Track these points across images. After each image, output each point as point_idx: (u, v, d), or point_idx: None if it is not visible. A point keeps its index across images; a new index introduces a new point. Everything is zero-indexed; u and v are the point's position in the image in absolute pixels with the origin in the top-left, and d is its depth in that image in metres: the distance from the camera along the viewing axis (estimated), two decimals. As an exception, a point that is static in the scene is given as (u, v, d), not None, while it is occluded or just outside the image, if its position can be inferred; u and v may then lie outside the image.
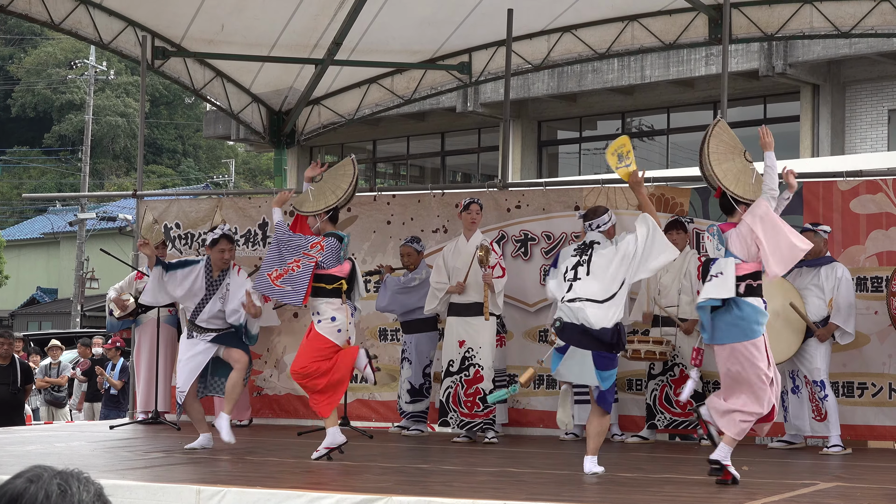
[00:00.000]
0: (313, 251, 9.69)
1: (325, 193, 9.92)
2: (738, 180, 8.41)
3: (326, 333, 9.68)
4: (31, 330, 42.44)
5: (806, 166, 15.17)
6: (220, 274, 10.37)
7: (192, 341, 10.33)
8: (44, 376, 19.43)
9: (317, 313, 9.76)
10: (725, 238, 8.21)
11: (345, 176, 10.01)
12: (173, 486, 7.71)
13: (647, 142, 26.48)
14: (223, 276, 10.36)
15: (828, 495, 7.62)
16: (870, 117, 22.96)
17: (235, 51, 14.72)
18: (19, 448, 10.48)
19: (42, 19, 13.54)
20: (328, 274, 9.72)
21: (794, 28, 13.47)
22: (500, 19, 13.36)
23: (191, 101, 59.57)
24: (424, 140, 29.79)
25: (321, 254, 9.68)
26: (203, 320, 10.28)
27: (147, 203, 14.18)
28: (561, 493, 7.48)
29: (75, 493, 2.65)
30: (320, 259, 9.67)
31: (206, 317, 10.27)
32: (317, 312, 9.76)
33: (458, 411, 11.42)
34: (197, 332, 10.32)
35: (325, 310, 9.71)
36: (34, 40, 64.09)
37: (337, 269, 9.77)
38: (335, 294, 9.76)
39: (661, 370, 11.53)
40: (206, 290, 10.31)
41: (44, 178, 60.00)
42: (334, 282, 9.75)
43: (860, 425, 11.28)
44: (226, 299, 10.30)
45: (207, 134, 33.31)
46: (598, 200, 12.40)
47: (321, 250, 9.69)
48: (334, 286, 9.75)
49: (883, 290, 11.15)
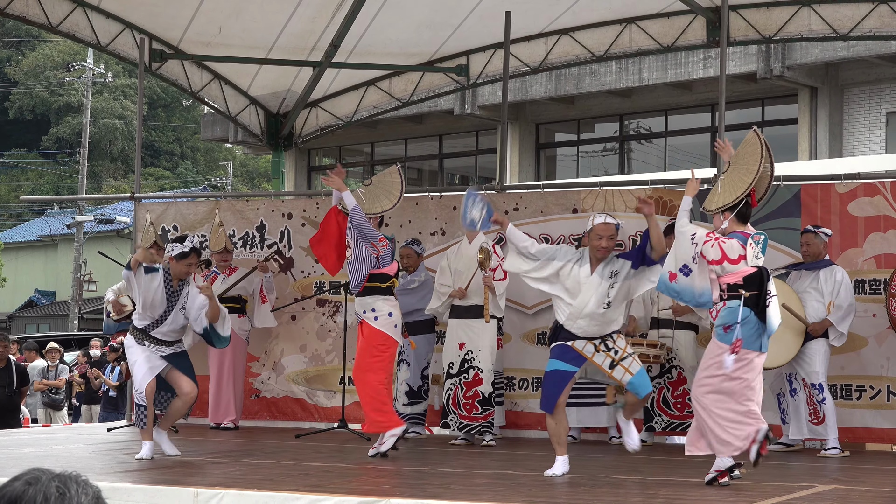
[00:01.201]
0: (380, 245, 10.00)
1: (379, 198, 10.32)
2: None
3: (385, 329, 10.02)
4: (28, 332, 42.42)
5: (804, 169, 15.19)
6: (178, 283, 9.90)
7: (144, 349, 9.82)
8: (41, 379, 19.42)
9: (372, 310, 10.05)
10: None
11: (394, 183, 10.44)
12: (171, 489, 7.71)
13: (645, 144, 26.49)
14: (182, 286, 9.90)
15: (825, 498, 7.62)
16: (868, 120, 22.97)
17: (233, 53, 14.72)
18: (17, 450, 10.48)
19: (39, 21, 13.53)
20: (383, 273, 10.06)
21: (793, 30, 13.47)
22: (498, 22, 13.36)
23: (188, 104, 59.51)
24: (422, 142, 29.79)
25: (385, 250, 10.04)
26: (162, 332, 9.83)
27: (145, 206, 14.17)
28: (558, 495, 7.48)
29: (74, 495, 2.64)
30: (382, 254, 10.01)
31: (166, 329, 9.83)
32: (372, 310, 10.05)
33: (458, 414, 11.43)
34: (149, 343, 9.82)
35: (381, 307, 10.06)
36: (32, 43, 64.07)
37: (389, 267, 10.14)
38: (389, 292, 10.15)
39: (659, 372, 11.53)
40: (168, 302, 9.82)
41: (41, 181, 59.98)
42: (387, 280, 10.12)
43: (858, 428, 11.28)
44: (186, 309, 9.89)
45: (205, 136, 33.30)
46: (595, 203, 12.40)
47: (385, 246, 10.07)
48: (388, 284, 10.13)
49: (881, 293, 11.15)
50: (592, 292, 8.46)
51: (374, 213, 10.19)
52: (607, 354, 8.52)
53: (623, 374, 8.52)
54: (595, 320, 8.50)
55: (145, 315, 9.85)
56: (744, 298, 7.98)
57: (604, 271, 8.54)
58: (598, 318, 8.50)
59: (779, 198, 11.66)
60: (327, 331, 13.23)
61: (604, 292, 8.51)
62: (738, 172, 8.32)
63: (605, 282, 8.51)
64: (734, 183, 8.29)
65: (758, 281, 8.03)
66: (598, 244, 8.54)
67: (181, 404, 9.94)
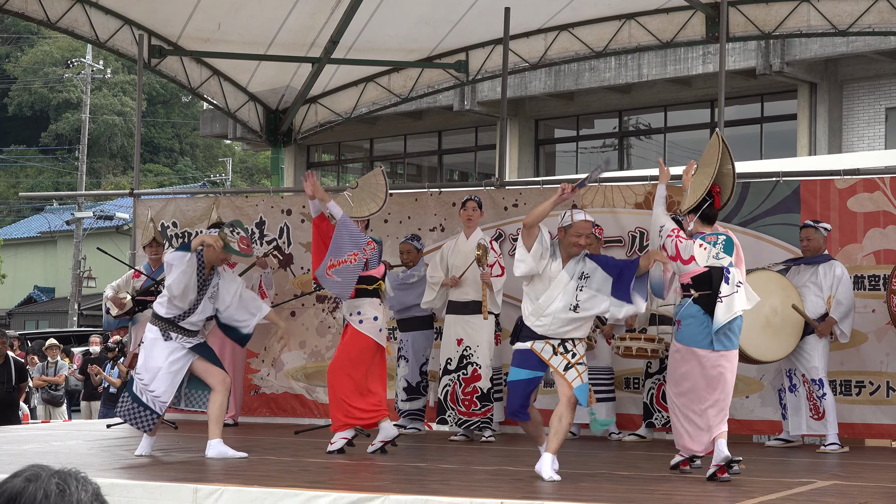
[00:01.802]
0: (368, 248, 9.92)
1: (365, 200, 10.20)
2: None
3: (369, 332, 9.93)
4: (28, 329, 42.43)
5: (803, 164, 15.19)
6: (210, 272, 9.74)
7: (169, 345, 9.63)
8: (41, 375, 19.43)
9: (357, 313, 9.97)
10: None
11: (379, 185, 10.28)
12: (170, 485, 7.70)
13: (645, 140, 26.48)
14: (212, 275, 9.75)
15: (825, 494, 7.62)
16: (867, 115, 22.97)
17: (232, 49, 14.72)
18: (16, 447, 10.47)
19: (38, 18, 13.53)
20: (369, 275, 9.99)
21: (792, 26, 13.47)
22: (497, 18, 13.35)
23: (188, 100, 59.51)
24: (421, 139, 29.79)
25: (372, 253, 9.97)
26: (190, 322, 9.66)
27: (144, 202, 14.16)
28: (558, 491, 7.48)
29: (73, 492, 2.64)
30: (370, 257, 9.94)
31: (195, 318, 9.66)
32: (358, 312, 9.97)
33: (456, 409, 11.43)
34: (177, 334, 9.63)
35: (367, 310, 9.97)
36: (31, 39, 64.05)
37: (377, 269, 10.07)
38: (375, 294, 10.05)
39: (658, 368, 11.53)
40: (199, 290, 9.65)
41: (41, 177, 59.94)
42: (374, 283, 10.04)
43: (858, 423, 11.28)
44: (215, 299, 9.76)
45: (204, 133, 33.32)
46: (595, 199, 12.40)
47: (373, 249, 9.99)
48: (374, 287, 10.04)
49: (880, 289, 11.15)
50: (560, 290, 8.20)
51: (361, 217, 10.11)
52: (564, 356, 8.25)
53: (575, 378, 8.22)
54: (558, 321, 8.22)
55: (175, 304, 9.62)
56: (693, 298, 8.29)
57: (574, 269, 8.24)
58: (562, 319, 8.22)
59: (778, 193, 11.66)
60: (327, 327, 13.24)
61: (571, 292, 8.20)
62: (701, 175, 8.54)
63: (573, 281, 8.22)
64: (696, 186, 8.51)
65: (708, 281, 8.27)
66: (577, 241, 8.23)
67: (220, 398, 9.68)
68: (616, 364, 11.90)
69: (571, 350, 8.27)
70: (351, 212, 10.05)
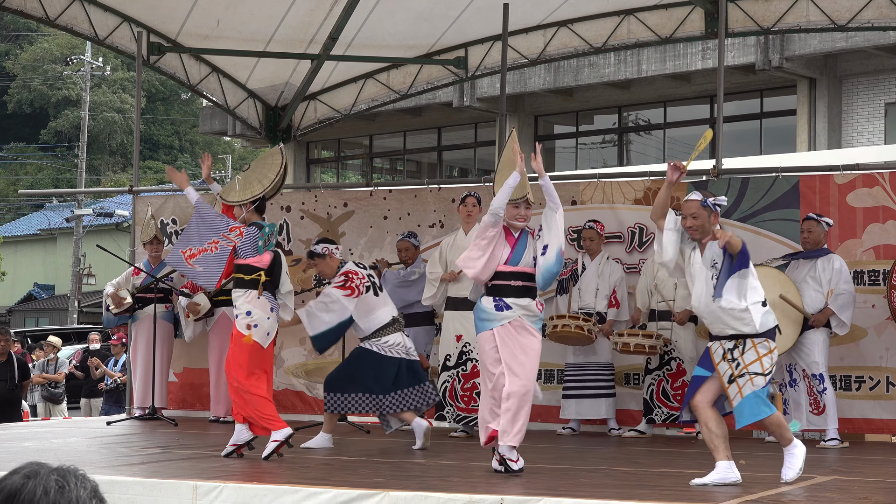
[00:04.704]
0: (231, 235, 9.24)
1: (251, 183, 9.49)
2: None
3: (242, 329, 9.18)
4: (28, 326, 42.44)
5: (803, 160, 15.18)
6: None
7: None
8: (41, 372, 19.43)
9: (234, 307, 9.31)
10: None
11: (273, 165, 9.59)
12: (170, 482, 7.71)
13: (644, 136, 26.48)
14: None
15: (825, 489, 7.63)
16: (867, 111, 22.96)
17: (231, 46, 14.71)
18: (16, 444, 10.47)
19: (37, 15, 13.52)
20: (246, 264, 9.23)
21: (791, 22, 13.46)
22: (496, 14, 13.34)
23: (187, 97, 59.49)
24: (421, 135, 29.78)
25: (239, 239, 9.22)
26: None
27: (143, 199, 14.16)
28: (558, 487, 7.48)
29: (72, 489, 2.65)
30: (238, 244, 9.21)
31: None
32: (234, 306, 9.31)
33: (455, 406, 11.43)
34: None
35: (241, 303, 9.23)
36: (30, 36, 64.04)
37: (255, 259, 9.25)
38: (252, 286, 9.24)
39: (658, 364, 11.55)
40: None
41: (40, 175, 59.95)
42: (252, 272, 9.24)
43: (857, 419, 11.29)
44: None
45: (204, 130, 33.30)
46: (594, 195, 12.41)
47: (240, 235, 9.24)
48: (252, 277, 9.24)
49: (880, 284, 11.16)
50: (703, 282, 7.72)
51: (242, 201, 9.38)
52: (730, 365, 7.57)
53: (735, 394, 7.57)
54: (713, 316, 7.69)
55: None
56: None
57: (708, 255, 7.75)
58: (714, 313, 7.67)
59: (777, 189, 11.67)
60: (326, 324, 13.22)
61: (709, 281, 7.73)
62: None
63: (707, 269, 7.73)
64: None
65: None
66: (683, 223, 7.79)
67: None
68: (616, 360, 11.91)
69: (738, 359, 7.55)
70: (234, 196, 9.47)
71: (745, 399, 7.51)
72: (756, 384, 7.49)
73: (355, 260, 11.31)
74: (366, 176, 30.51)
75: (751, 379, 7.50)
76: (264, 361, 9.34)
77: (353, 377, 10.00)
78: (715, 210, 7.76)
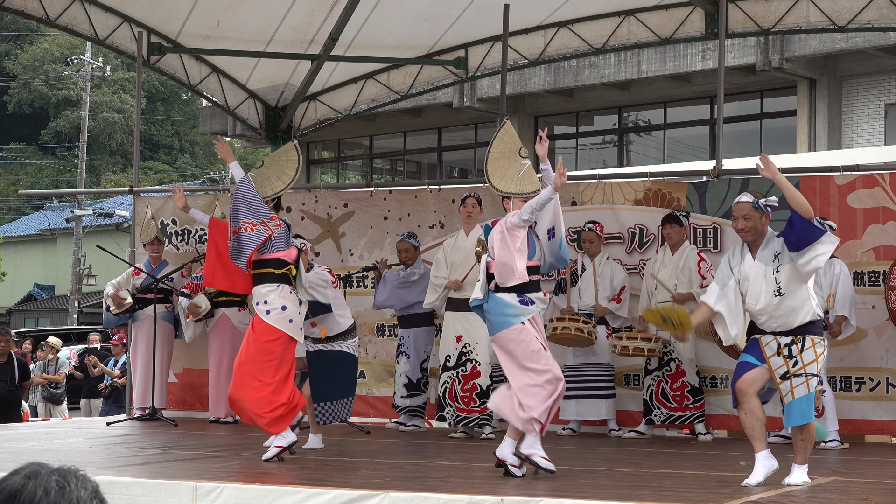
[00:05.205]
0: (271, 224, 9.12)
1: (270, 179, 9.44)
2: (504, 176, 8.61)
3: (276, 324, 9.06)
4: (28, 327, 42.44)
5: (803, 161, 15.18)
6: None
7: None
8: (41, 373, 19.43)
9: (264, 302, 9.09)
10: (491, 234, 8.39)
11: (290, 162, 9.55)
12: (170, 483, 7.71)
13: (644, 137, 26.48)
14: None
15: (825, 490, 7.62)
16: (867, 111, 22.96)
17: (231, 46, 14.71)
18: (16, 445, 10.48)
19: (38, 15, 13.52)
20: (276, 258, 9.14)
21: (791, 22, 13.46)
22: (497, 14, 13.34)
23: (187, 98, 59.49)
24: (421, 135, 29.78)
25: (277, 230, 9.13)
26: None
27: (143, 199, 14.16)
28: (558, 488, 7.48)
29: (73, 489, 2.65)
30: (275, 234, 9.11)
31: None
32: (264, 301, 9.09)
33: (455, 406, 11.43)
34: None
35: (273, 298, 9.08)
36: (30, 37, 64.03)
37: (285, 252, 9.18)
38: (284, 280, 9.15)
39: (658, 365, 11.54)
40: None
41: (40, 175, 59.94)
42: (283, 266, 9.16)
43: (857, 420, 11.28)
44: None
45: (204, 130, 33.31)
46: (594, 195, 12.40)
47: (279, 227, 9.15)
48: (283, 271, 9.16)
49: (880, 285, 11.16)
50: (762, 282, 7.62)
51: (266, 197, 9.31)
52: (786, 362, 7.53)
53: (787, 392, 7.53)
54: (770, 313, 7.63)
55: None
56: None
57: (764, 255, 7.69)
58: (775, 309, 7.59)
59: (777, 190, 11.64)
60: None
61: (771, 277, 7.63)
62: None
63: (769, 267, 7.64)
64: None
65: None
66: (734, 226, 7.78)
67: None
68: (616, 361, 11.91)
69: (796, 356, 7.49)
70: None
71: (798, 400, 7.47)
72: (811, 386, 7.46)
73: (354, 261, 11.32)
74: (366, 176, 30.51)
75: (807, 380, 7.46)
76: (292, 356, 9.27)
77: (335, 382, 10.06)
78: (767, 212, 7.71)
